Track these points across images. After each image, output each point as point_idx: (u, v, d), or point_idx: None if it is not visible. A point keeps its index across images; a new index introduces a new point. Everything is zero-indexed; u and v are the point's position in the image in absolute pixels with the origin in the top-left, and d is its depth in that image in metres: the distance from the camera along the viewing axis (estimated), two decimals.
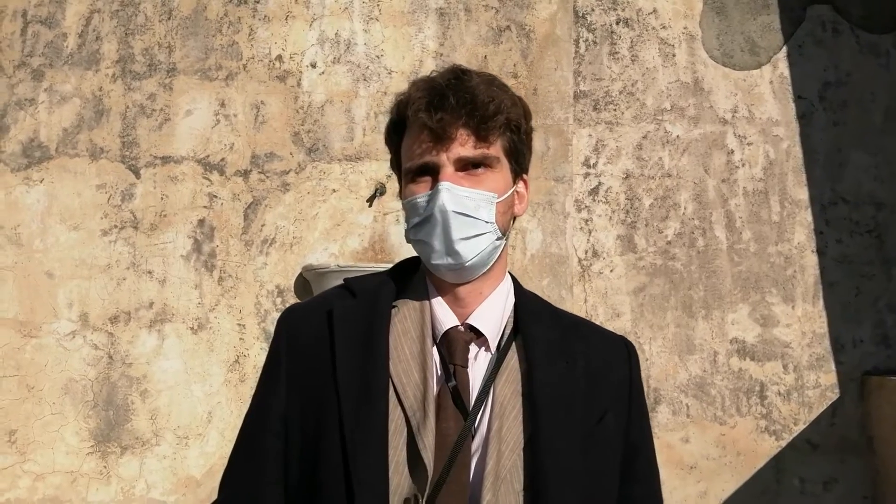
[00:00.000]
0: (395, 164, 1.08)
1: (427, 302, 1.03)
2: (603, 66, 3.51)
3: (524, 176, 1.08)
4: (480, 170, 1.00)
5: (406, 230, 1.04)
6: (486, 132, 0.99)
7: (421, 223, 1.00)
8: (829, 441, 3.24)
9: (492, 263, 1.03)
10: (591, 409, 1.01)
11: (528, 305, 1.08)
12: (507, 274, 1.09)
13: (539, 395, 0.98)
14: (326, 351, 1.00)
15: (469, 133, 0.99)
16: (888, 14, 3.51)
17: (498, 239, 1.02)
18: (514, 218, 1.08)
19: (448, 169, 0.98)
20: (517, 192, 1.07)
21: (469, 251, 0.99)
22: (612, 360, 1.08)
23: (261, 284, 3.20)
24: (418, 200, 1.00)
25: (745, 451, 3.23)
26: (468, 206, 0.98)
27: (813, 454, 3.23)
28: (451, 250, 0.98)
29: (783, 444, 3.24)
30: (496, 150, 1.01)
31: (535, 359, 1.00)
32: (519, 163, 1.06)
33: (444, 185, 0.97)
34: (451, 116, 0.97)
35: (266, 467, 1.01)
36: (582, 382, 1.02)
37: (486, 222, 1.00)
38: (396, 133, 1.05)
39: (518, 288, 1.10)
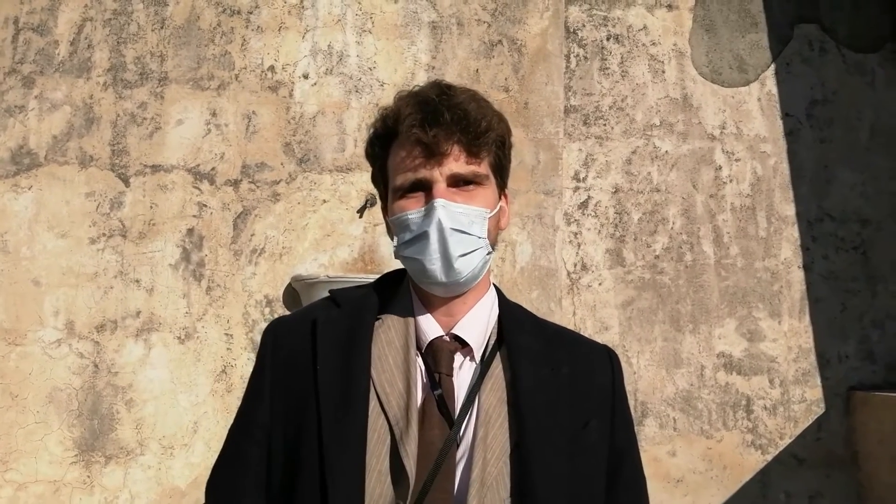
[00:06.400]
0: (379, 179, 1.08)
1: (412, 313, 1.04)
2: (593, 82, 3.54)
3: (505, 190, 1.10)
4: (471, 186, 1.01)
5: (395, 246, 1.03)
6: (477, 148, 1.01)
7: (413, 240, 1.00)
8: (815, 455, 3.26)
9: (482, 277, 1.04)
10: (575, 416, 1.02)
11: (511, 315, 1.09)
12: (492, 285, 1.11)
13: (524, 402, 0.99)
14: (309, 360, 1.01)
15: (461, 149, 1.00)
16: (874, 33, 3.57)
17: (488, 253, 1.03)
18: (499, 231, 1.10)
19: (441, 185, 0.99)
20: (501, 206, 1.08)
21: (465, 267, 1.00)
22: (595, 367, 1.09)
23: (249, 294, 3.19)
24: (410, 217, 1.00)
25: (731, 465, 3.24)
26: (462, 222, 0.99)
27: (798, 468, 3.25)
28: (447, 267, 0.99)
29: (769, 458, 3.25)
30: (485, 166, 1.03)
31: (519, 367, 1.01)
32: (503, 178, 1.08)
33: (440, 203, 0.98)
34: (446, 132, 0.98)
35: (247, 475, 1.02)
36: (566, 389, 1.02)
37: (479, 238, 1.01)
38: (382, 147, 1.05)
39: (502, 298, 1.11)
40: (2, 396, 3.05)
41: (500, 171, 1.07)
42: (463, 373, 1.02)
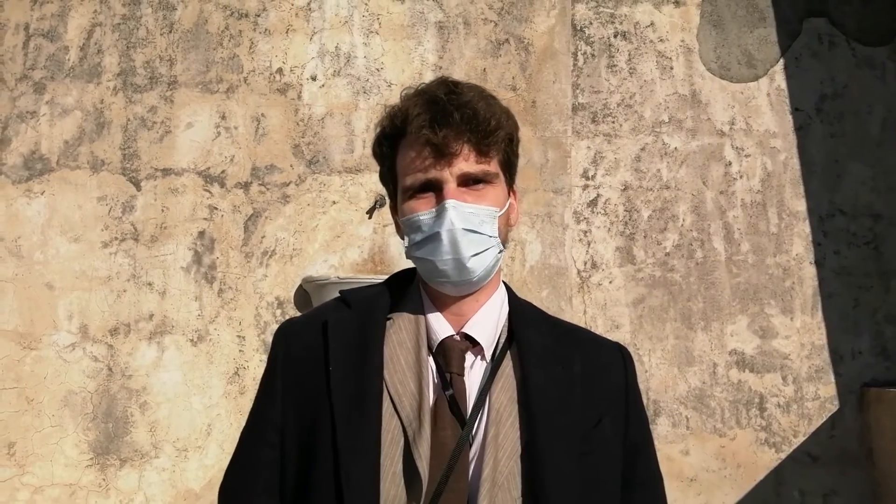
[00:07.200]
0: (388, 178, 1.08)
1: (422, 312, 1.04)
2: (601, 79, 3.53)
3: (514, 186, 1.10)
4: (481, 185, 1.01)
5: (407, 247, 1.03)
6: (487, 147, 1.00)
7: (424, 241, 1.00)
8: (829, 453, 3.23)
9: (493, 275, 1.04)
10: (587, 414, 1.01)
11: (522, 313, 1.08)
12: (502, 283, 1.10)
13: (535, 401, 0.98)
14: (321, 361, 1.00)
15: (470, 149, 0.99)
16: (883, 27, 3.54)
17: (500, 251, 1.03)
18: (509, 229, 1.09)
19: (451, 185, 0.98)
20: (511, 203, 1.08)
21: (477, 267, 0.99)
22: (608, 365, 1.08)
23: (260, 296, 3.21)
24: (422, 218, 1.00)
25: (744, 464, 3.23)
26: (473, 222, 0.99)
27: (812, 466, 3.23)
28: (460, 267, 0.99)
29: (783, 456, 3.23)
30: (494, 165, 1.03)
31: (529, 365, 1.01)
32: (512, 175, 1.08)
33: (451, 203, 0.97)
34: (455, 133, 0.97)
35: (259, 477, 1.02)
36: (577, 387, 1.02)
37: (490, 237, 1.00)
38: (390, 147, 1.05)
39: (512, 296, 1.10)
40: (17, 400, 3.08)
41: (509, 168, 1.07)
42: (474, 372, 1.02)
